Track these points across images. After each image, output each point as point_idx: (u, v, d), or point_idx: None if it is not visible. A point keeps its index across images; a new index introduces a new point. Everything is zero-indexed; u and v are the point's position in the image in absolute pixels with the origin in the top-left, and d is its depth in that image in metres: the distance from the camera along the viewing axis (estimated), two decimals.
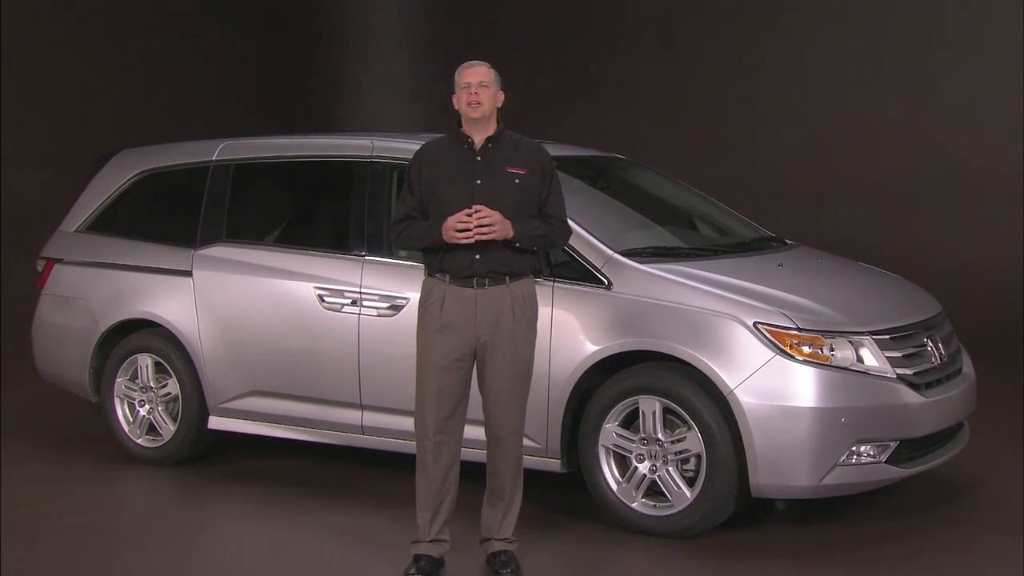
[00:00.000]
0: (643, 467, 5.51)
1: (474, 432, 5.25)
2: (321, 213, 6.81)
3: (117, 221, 7.27)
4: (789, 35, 12.55)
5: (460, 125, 5.03)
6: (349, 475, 6.64)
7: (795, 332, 5.30)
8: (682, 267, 5.72)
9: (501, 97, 5.02)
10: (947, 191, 11.53)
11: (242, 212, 6.82)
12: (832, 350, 5.31)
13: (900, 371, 5.43)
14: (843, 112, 12.17)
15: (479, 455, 5.29)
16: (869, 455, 5.34)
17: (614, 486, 5.57)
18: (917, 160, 11.72)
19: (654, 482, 5.50)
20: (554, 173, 5.04)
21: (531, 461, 5.57)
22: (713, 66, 13.00)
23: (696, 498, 5.38)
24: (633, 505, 5.53)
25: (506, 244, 4.87)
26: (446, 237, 4.84)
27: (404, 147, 6.35)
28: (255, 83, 14.14)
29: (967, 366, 6.05)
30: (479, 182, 4.91)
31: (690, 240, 6.52)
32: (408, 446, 6.10)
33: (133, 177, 7.28)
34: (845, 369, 5.30)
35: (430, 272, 5.02)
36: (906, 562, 5.23)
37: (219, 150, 6.95)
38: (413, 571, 5.00)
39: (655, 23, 13.23)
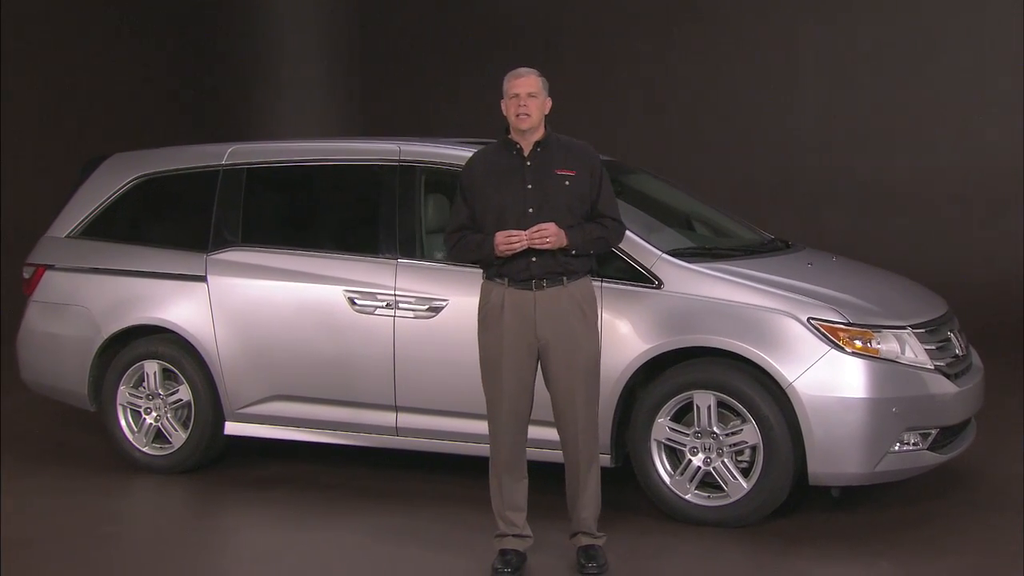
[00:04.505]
0: (697, 460, 5.70)
1: (544, 433, 5.40)
2: (346, 217, 6.80)
3: (115, 226, 7.13)
4: (782, 36, 12.85)
5: (508, 132, 5.14)
6: (377, 477, 6.65)
7: (846, 327, 5.56)
8: (727, 266, 5.94)
9: (548, 104, 5.13)
10: (942, 193, 12.00)
11: (258, 216, 6.78)
12: (879, 343, 5.59)
13: (936, 363, 5.75)
14: (835, 114, 12.54)
15: (549, 455, 5.44)
16: (914, 443, 5.64)
17: (667, 479, 5.75)
18: (910, 161, 12.18)
19: (706, 474, 5.70)
20: (603, 173, 5.18)
21: None
22: (705, 68, 13.22)
23: (753, 488, 5.59)
24: (687, 497, 5.72)
25: (563, 252, 5.00)
26: (497, 252, 4.96)
27: (431, 151, 6.45)
28: (168, 88, 13.91)
29: (976, 359, 6.40)
30: (530, 186, 5.03)
31: (701, 242, 6.72)
32: (447, 446, 6.25)
33: (130, 181, 7.15)
34: (892, 361, 5.59)
35: (488, 276, 5.12)
36: (948, 543, 5.53)
37: (228, 154, 6.89)
38: (500, 565, 5.09)
39: (645, 25, 13.41)
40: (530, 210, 4.98)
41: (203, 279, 6.68)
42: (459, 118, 13.18)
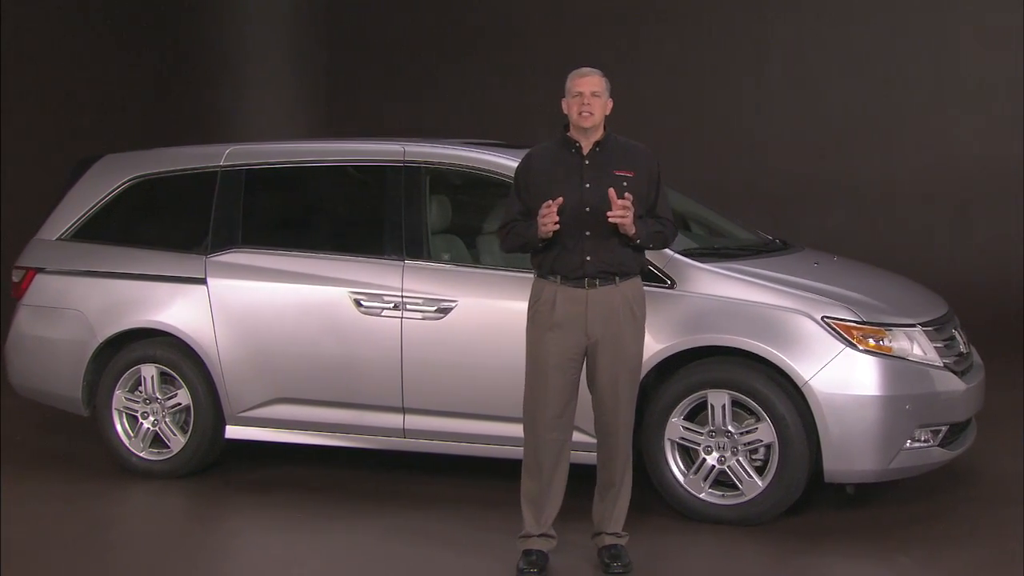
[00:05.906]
0: (711, 459, 5.72)
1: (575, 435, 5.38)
2: (350, 218, 6.77)
3: (109, 228, 7.03)
4: (778, 33, 12.92)
5: (567, 129, 5.14)
6: (381, 480, 6.60)
7: (859, 325, 5.61)
8: (738, 265, 5.97)
9: (610, 105, 5.11)
10: (939, 191, 12.14)
11: (259, 218, 6.72)
12: (891, 341, 5.65)
13: (944, 360, 5.82)
14: (828, 113, 12.62)
15: (581, 457, 5.42)
16: (925, 439, 5.70)
17: (680, 478, 5.77)
18: (905, 159, 12.31)
19: (720, 472, 5.72)
20: (661, 177, 5.18)
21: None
22: (674, 69, 13.25)
23: (768, 486, 5.62)
24: (701, 496, 5.74)
25: (626, 241, 4.98)
26: (542, 232, 4.91)
27: (436, 151, 6.43)
28: (134, 92, 13.76)
29: (976, 356, 6.48)
30: (588, 185, 5.00)
31: (703, 242, 6.74)
32: (456, 447, 6.22)
33: (124, 183, 7.05)
34: (903, 359, 5.65)
35: (541, 274, 5.10)
36: (963, 537, 5.61)
37: (226, 155, 6.82)
38: (525, 565, 5.08)
39: (633, 22, 13.45)
40: (587, 209, 4.95)
41: (203, 281, 6.61)
42: (432, 117, 13.18)
